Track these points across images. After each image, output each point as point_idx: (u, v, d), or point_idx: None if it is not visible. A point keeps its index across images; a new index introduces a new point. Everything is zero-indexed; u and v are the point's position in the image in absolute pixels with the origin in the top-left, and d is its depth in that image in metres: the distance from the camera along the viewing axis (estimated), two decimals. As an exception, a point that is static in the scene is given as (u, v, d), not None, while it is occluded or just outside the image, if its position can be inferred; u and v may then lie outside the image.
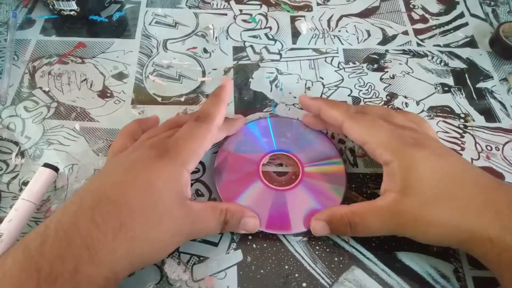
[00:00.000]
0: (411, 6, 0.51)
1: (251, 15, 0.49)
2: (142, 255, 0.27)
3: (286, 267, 0.33)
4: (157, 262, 0.32)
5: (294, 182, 0.36)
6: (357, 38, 0.48)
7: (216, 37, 0.47)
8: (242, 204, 0.34)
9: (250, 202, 0.34)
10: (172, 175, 0.29)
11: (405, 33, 0.49)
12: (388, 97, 0.43)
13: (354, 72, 0.45)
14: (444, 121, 0.41)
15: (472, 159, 0.39)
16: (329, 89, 0.43)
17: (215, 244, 0.33)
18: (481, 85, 0.44)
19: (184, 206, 0.29)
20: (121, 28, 0.47)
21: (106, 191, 0.27)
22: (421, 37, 0.48)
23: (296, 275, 0.32)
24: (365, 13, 0.50)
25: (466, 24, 0.50)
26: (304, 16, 0.49)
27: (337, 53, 0.46)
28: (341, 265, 0.33)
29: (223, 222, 0.31)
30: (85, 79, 0.43)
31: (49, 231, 0.25)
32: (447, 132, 0.41)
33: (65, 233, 0.25)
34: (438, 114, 0.42)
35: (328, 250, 0.33)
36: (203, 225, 0.31)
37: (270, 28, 0.48)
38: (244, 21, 0.49)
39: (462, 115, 0.42)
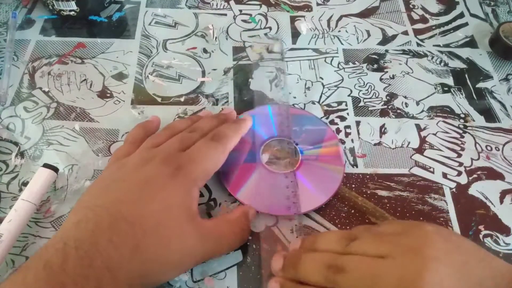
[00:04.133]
0: (411, 6, 0.51)
1: (251, 15, 0.49)
2: (153, 276, 0.28)
3: (286, 267, 0.33)
4: (168, 281, 0.31)
5: (294, 165, 0.37)
6: (357, 38, 0.48)
7: (215, 37, 0.47)
8: (248, 191, 0.35)
9: (254, 188, 0.35)
10: (184, 192, 0.29)
11: (405, 33, 0.49)
12: (388, 97, 0.43)
13: (354, 72, 0.45)
14: (444, 121, 0.41)
15: (472, 159, 0.39)
16: (329, 89, 0.43)
17: (215, 245, 0.33)
18: (481, 85, 0.44)
19: (192, 222, 0.29)
20: (120, 28, 0.47)
21: (122, 210, 0.27)
22: (421, 37, 0.48)
23: (296, 275, 0.32)
24: (365, 13, 0.50)
25: (466, 24, 0.50)
26: (304, 16, 0.49)
27: (337, 53, 0.46)
28: (341, 266, 0.33)
29: (244, 229, 0.32)
30: (84, 80, 0.43)
31: (69, 249, 0.25)
32: (447, 132, 0.41)
33: (86, 253, 0.25)
34: (438, 114, 0.42)
35: (328, 250, 0.33)
36: (221, 242, 0.31)
37: (270, 28, 0.48)
38: (244, 21, 0.49)
39: (462, 115, 0.42)
